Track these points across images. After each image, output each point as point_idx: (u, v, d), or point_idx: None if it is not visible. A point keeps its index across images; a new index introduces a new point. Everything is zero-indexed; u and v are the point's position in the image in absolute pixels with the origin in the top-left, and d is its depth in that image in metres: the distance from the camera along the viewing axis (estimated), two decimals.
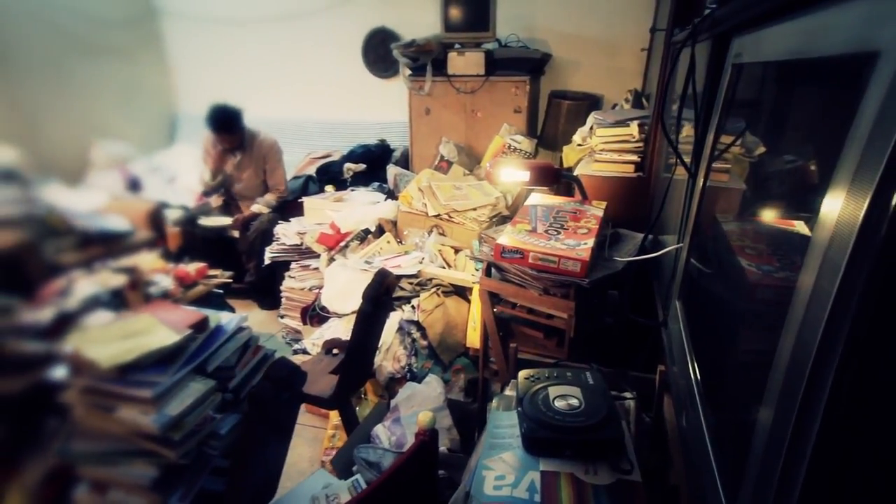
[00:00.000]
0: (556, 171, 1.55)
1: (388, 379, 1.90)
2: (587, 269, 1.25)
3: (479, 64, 3.01)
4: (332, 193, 2.96)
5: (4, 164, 2.28)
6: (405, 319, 1.96)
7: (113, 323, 1.04)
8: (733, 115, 0.73)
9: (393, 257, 2.23)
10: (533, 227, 1.44)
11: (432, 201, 2.40)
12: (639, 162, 1.73)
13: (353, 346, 1.51)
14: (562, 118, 3.12)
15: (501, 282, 1.47)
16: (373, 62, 3.66)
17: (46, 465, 1.39)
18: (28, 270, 1.80)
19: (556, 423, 0.74)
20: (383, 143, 3.57)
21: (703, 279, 0.75)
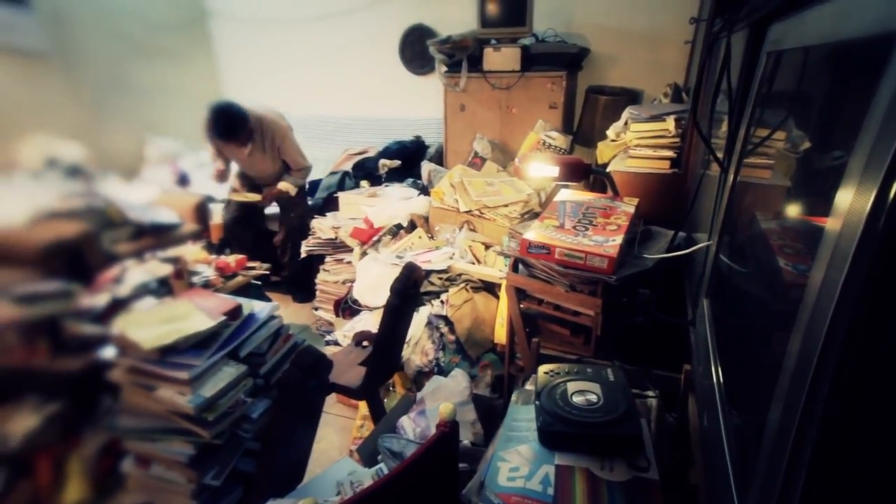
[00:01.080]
0: (587, 166, 1.53)
1: (417, 372, 1.93)
2: (615, 266, 1.23)
3: (514, 59, 2.98)
4: (366, 189, 3.02)
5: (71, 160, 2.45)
6: (434, 314, 1.98)
7: (154, 307, 1.11)
8: (768, 107, 0.70)
9: (424, 252, 2.26)
10: (561, 222, 1.43)
11: (464, 197, 2.40)
12: (675, 158, 1.68)
13: (381, 339, 1.54)
14: (599, 114, 3.05)
15: (528, 278, 1.46)
16: (409, 59, 3.70)
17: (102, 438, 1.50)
18: (88, 259, 1.93)
19: (573, 417, 0.73)
20: (418, 139, 3.60)
21: (729, 277, 0.72)
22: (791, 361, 0.37)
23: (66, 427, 1.52)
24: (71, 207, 2.41)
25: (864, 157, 0.30)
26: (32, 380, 1.50)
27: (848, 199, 0.31)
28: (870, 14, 0.34)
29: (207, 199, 3.27)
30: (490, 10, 2.94)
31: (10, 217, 2.02)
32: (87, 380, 1.53)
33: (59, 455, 1.48)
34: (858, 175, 0.30)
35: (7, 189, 2.14)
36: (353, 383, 1.58)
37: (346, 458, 1.28)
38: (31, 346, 1.46)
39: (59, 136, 2.63)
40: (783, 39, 0.60)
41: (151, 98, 3.57)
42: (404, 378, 1.97)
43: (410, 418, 1.42)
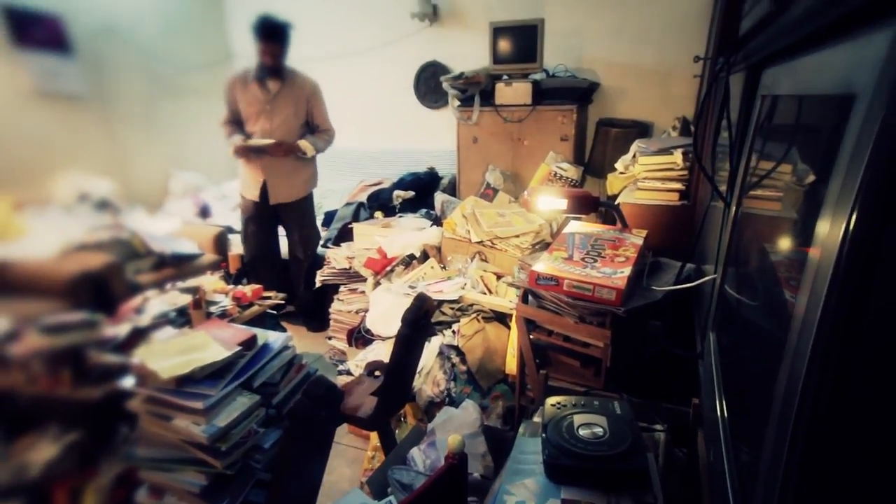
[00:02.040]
0: (595, 199, 1.55)
1: (428, 403, 1.93)
2: (623, 298, 1.24)
3: (526, 94, 3.06)
4: (380, 220, 3.08)
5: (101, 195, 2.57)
6: (446, 344, 1.99)
7: (172, 338, 1.15)
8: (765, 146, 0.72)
9: (436, 282, 2.28)
10: (569, 254, 1.44)
11: (475, 228, 2.44)
12: (683, 190, 1.69)
13: (392, 369, 1.55)
14: (609, 145, 3.10)
15: (538, 308, 1.47)
16: (423, 94, 3.82)
17: (117, 468, 1.52)
18: (112, 289, 2.01)
19: (579, 451, 0.73)
20: (432, 170, 3.68)
21: (733, 310, 0.73)
22: (779, 395, 0.38)
23: (83, 457, 1.55)
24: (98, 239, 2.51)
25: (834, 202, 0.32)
26: (55, 409, 1.55)
27: (822, 233, 0.33)
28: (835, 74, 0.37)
29: (227, 230, 3.37)
30: (502, 47, 3.04)
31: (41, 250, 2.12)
32: (105, 409, 1.57)
33: (76, 485, 1.51)
34: (830, 217, 0.32)
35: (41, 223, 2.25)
36: (365, 413, 1.58)
37: (357, 490, 1.27)
38: (55, 375, 1.51)
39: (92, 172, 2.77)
40: (775, 85, 0.63)
41: (177, 134, 3.75)
42: (415, 409, 1.97)
43: (420, 450, 1.42)
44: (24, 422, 1.56)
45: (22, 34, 2.28)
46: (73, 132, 2.66)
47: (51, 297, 1.97)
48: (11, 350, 1.44)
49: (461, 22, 3.56)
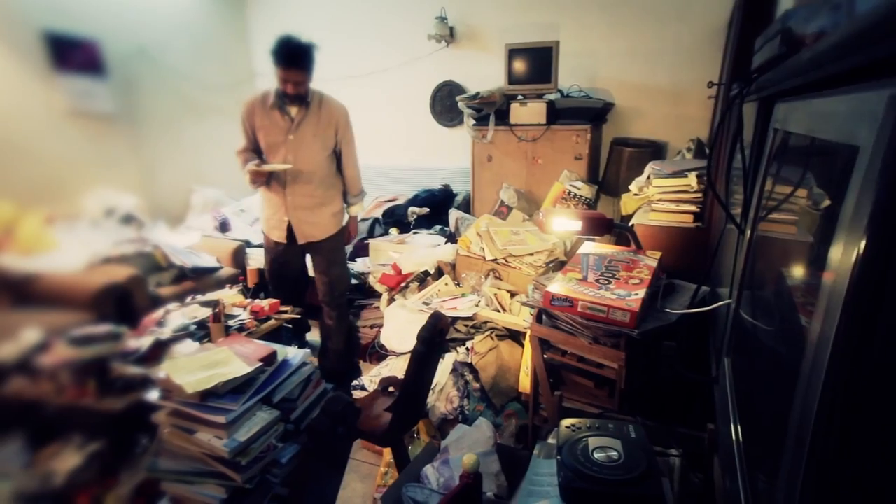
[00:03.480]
0: (608, 221, 1.57)
1: (441, 420, 1.93)
2: (637, 320, 1.24)
3: (540, 114, 3.10)
4: (395, 236, 3.12)
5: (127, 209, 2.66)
6: (459, 361, 2.00)
7: (196, 353, 1.18)
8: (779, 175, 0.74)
9: (450, 299, 2.30)
10: (584, 275, 1.46)
11: (490, 246, 2.46)
12: (697, 212, 1.70)
13: (407, 386, 1.57)
14: (623, 165, 3.12)
15: (552, 328, 1.48)
16: (439, 112, 3.89)
17: (137, 478, 1.55)
18: (135, 302, 2.07)
19: (594, 474, 0.74)
20: (446, 188, 3.73)
21: (747, 335, 0.74)
22: (794, 423, 0.39)
23: (104, 466, 1.59)
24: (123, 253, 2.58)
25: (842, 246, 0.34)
26: (79, 419, 1.59)
27: (834, 260, 0.35)
28: (840, 121, 0.39)
29: (245, 244, 3.44)
30: (517, 68, 3.10)
31: (70, 263, 2.19)
32: (127, 420, 1.60)
33: (97, 494, 1.54)
34: (842, 244, 0.34)
35: (69, 236, 2.33)
36: (379, 429, 1.60)
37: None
38: (81, 385, 1.56)
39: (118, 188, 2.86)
40: (786, 120, 0.65)
41: (199, 151, 3.86)
42: (428, 425, 1.98)
43: (434, 467, 1.42)
44: (50, 431, 1.61)
45: (62, 58, 2.41)
46: (103, 149, 2.77)
47: (77, 308, 2.04)
48: (41, 361, 1.49)
49: (477, 43, 3.63)
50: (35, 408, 1.53)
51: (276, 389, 1.18)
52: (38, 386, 1.48)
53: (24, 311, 1.62)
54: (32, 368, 1.48)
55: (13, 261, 1.68)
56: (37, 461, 1.52)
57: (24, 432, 1.52)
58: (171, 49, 3.53)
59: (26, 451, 1.53)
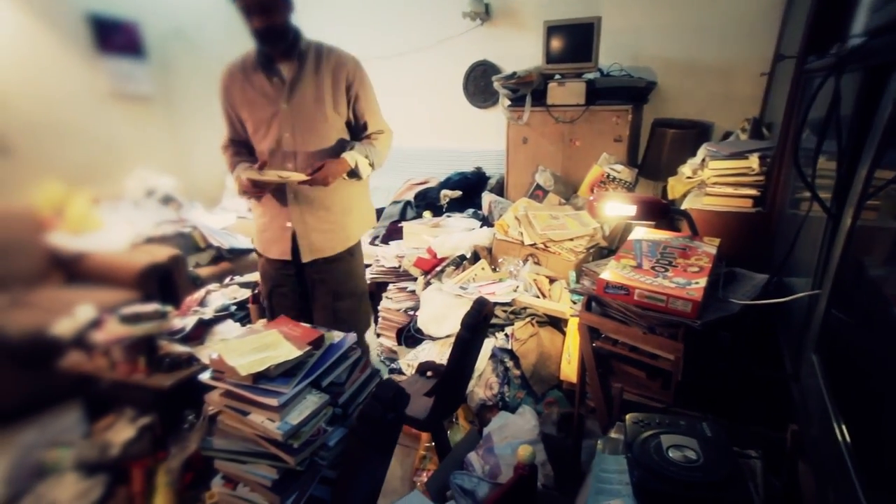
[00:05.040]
0: (664, 206, 1.49)
1: (480, 406, 1.91)
2: (699, 310, 1.18)
3: (579, 94, 2.99)
4: (429, 219, 3.09)
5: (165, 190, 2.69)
6: (498, 347, 1.97)
7: (246, 336, 1.18)
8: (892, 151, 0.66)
9: (487, 284, 2.26)
10: (638, 262, 1.39)
11: (528, 230, 2.40)
12: (758, 196, 1.60)
13: (449, 371, 1.55)
14: (665, 147, 2.99)
15: (602, 317, 1.43)
16: (472, 93, 3.80)
17: (186, 452, 1.59)
18: (176, 281, 2.09)
19: (672, 475, 0.70)
20: (479, 170, 3.66)
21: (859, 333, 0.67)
22: None
23: (155, 440, 1.63)
24: (163, 233, 2.62)
25: None
26: (131, 394, 1.63)
27: None
28: None
29: None
30: (555, 46, 2.98)
31: (115, 242, 2.22)
32: (175, 397, 1.64)
33: (150, 466, 1.59)
34: None
35: (114, 217, 2.36)
36: (420, 414, 1.59)
37: (416, 493, 1.27)
38: (132, 362, 1.60)
39: (157, 169, 2.89)
40: None
41: None
42: (467, 411, 1.96)
43: (479, 455, 1.41)
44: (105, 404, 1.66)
45: (104, 40, 2.42)
46: (141, 131, 2.80)
47: (123, 287, 2.07)
48: (95, 337, 1.53)
49: (514, 21, 3.51)
50: (91, 381, 1.58)
51: (324, 373, 1.17)
52: (93, 361, 1.53)
53: (76, 289, 1.66)
54: (88, 344, 1.53)
55: (64, 239, 1.72)
56: (94, 432, 1.59)
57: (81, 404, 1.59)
58: (206, 30, 3.53)
59: (84, 421, 1.60)
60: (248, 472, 1.08)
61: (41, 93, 2.10)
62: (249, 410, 1.06)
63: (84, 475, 1.45)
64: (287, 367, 1.10)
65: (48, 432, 1.52)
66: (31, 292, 1.57)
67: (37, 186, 2.17)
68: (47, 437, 1.50)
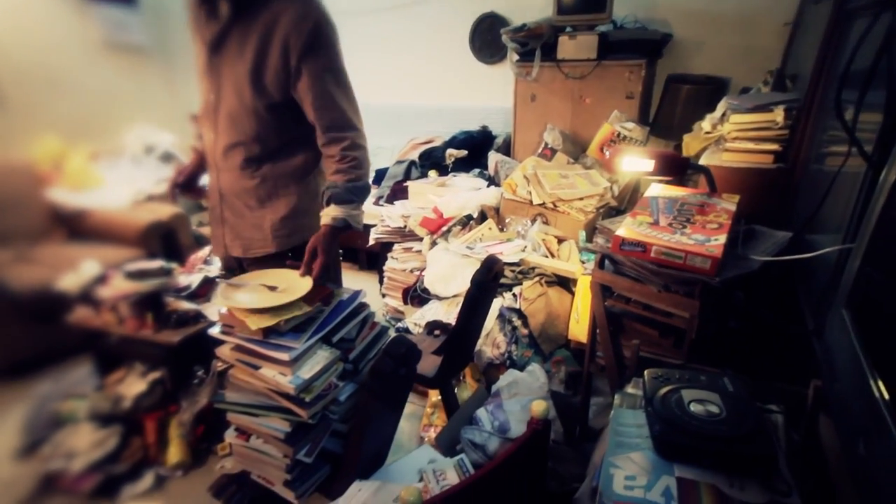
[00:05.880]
0: (684, 161, 1.44)
1: (487, 364, 1.92)
2: (718, 267, 1.15)
3: (591, 47, 2.86)
4: (435, 178, 3.03)
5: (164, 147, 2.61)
6: (506, 307, 1.96)
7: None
8: None
9: (495, 244, 2.24)
10: (655, 219, 1.36)
11: (537, 189, 2.35)
12: (780, 151, 1.54)
13: (458, 329, 1.54)
14: (679, 104, 2.89)
15: (615, 275, 1.41)
16: (479, 48, 3.65)
17: (197, 406, 1.60)
18: (180, 240, 2.05)
19: (694, 428, 0.69)
20: (485, 129, 3.56)
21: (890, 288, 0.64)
22: None
23: (166, 394, 1.65)
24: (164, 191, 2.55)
25: None
26: (140, 349, 1.63)
27: None
28: None
29: None
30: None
31: (116, 199, 2.18)
32: (184, 352, 1.65)
33: (162, 419, 1.61)
34: None
35: (113, 174, 2.31)
36: (428, 372, 1.59)
37: (427, 446, 1.29)
38: (140, 318, 1.59)
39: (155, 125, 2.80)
40: None
41: None
42: (474, 369, 1.97)
43: (488, 411, 1.41)
44: (116, 359, 1.66)
45: None
46: (138, 84, 2.69)
47: (126, 244, 2.04)
48: (101, 292, 1.51)
49: None
50: (100, 336, 1.59)
51: (334, 329, 1.16)
52: (101, 316, 1.52)
53: (80, 246, 1.64)
54: (94, 299, 1.52)
55: (64, 196, 1.68)
56: (106, 385, 1.61)
57: (92, 358, 1.60)
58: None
59: (96, 375, 1.62)
60: (261, 425, 1.08)
61: (30, 40, 2.00)
62: (260, 364, 1.05)
63: (99, 426, 1.47)
64: (297, 321, 1.08)
65: (62, 384, 1.54)
66: (35, 248, 1.54)
67: (33, 140, 2.11)
68: (61, 389, 1.52)
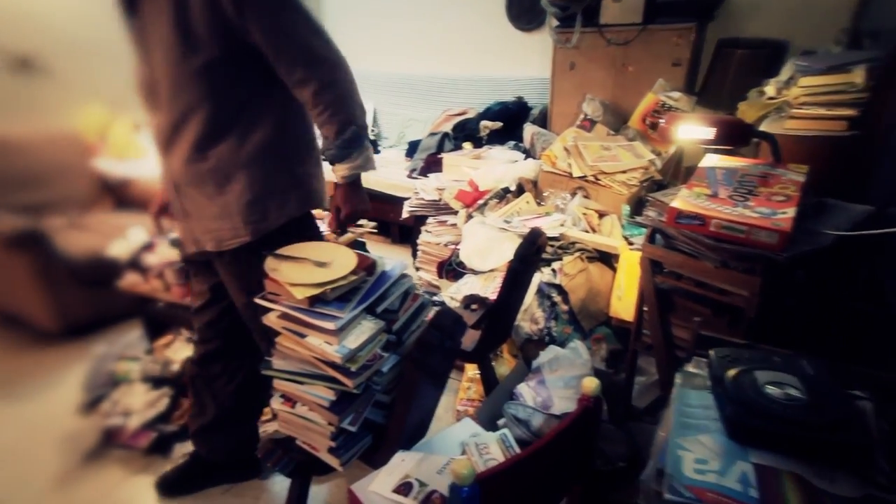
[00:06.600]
0: (748, 128, 1.34)
1: (525, 340, 1.89)
2: (786, 242, 1.07)
3: (636, 10, 2.70)
4: (470, 150, 2.96)
5: None
6: (545, 282, 1.91)
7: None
8: None
9: (533, 218, 2.17)
10: (713, 191, 1.27)
11: (578, 162, 2.26)
12: (856, 117, 1.41)
13: (500, 303, 1.51)
14: (731, 71, 2.71)
15: (667, 249, 1.34)
16: (516, 15, 3.50)
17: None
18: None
19: (772, 412, 0.64)
20: (521, 100, 3.45)
21: None
22: None
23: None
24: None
25: None
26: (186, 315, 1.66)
27: None
28: None
29: None
30: None
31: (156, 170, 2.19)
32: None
33: None
34: None
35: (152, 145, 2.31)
36: (468, 346, 1.57)
37: (468, 420, 1.28)
38: (185, 285, 1.61)
39: None
40: None
41: None
42: (510, 344, 1.95)
43: (530, 387, 1.39)
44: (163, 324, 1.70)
45: None
46: None
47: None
48: (149, 259, 1.53)
49: None
50: (148, 302, 1.63)
51: (378, 300, 1.14)
52: (148, 282, 1.56)
53: (126, 214, 1.67)
54: (142, 266, 1.55)
55: (110, 165, 1.70)
56: (155, 349, 1.66)
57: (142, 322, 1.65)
58: None
59: (146, 339, 1.68)
60: (307, 393, 1.08)
61: (74, 12, 2.00)
62: (307, 333, 1.05)
63: (151, 387, 1.52)
64: (343, 291, 1.07)
65: (115, 346, 1.59)
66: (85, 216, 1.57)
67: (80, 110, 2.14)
68: (115, 351, 1.58)
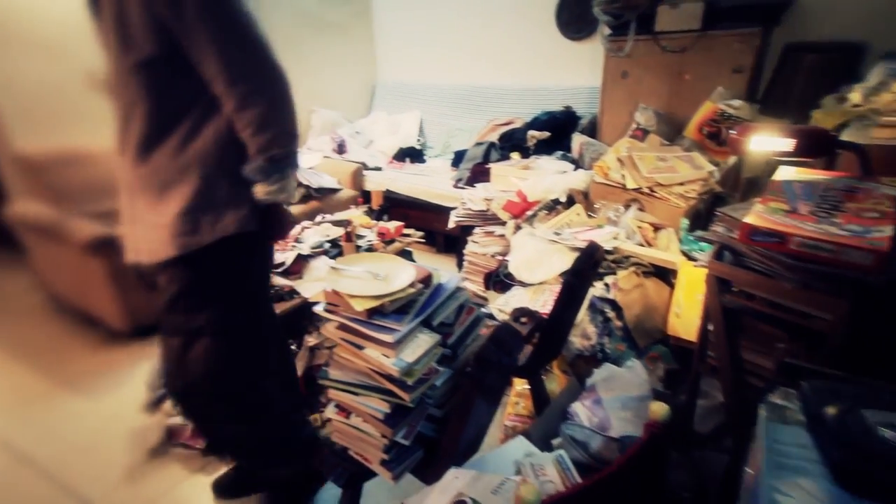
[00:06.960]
0: (831, 139, 1.24)
1: (575, 356, 1.83)
2: (883, 263, 0.98)
3: (694, 17, 2.60)
4: (518, 161, 2.92)
5: None
6: (597, 297, 1.85)
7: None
8: None
9: (584, 230, 2.11)
10: (792, 207, 1.19)
11: (632, 173, 2.19)
12: None
13: (554, 318, 1.46)
14: (800, 77, 2.56)
15: (736, 267, 1.26)
16: (566, 23, 3.46)
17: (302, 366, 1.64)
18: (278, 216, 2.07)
19: (893, 459, 0.57)
20: (569, 109, 3.39)
21: None
22: None
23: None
24: None
25: None
26: None
27: None
28: None
29: (363, 166, 3.45)
30: None
31: None
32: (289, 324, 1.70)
33: None
34: None
35: None
36: (519, 361, 1.53)
37: (521, 438, 1.23)
38: None
39: None
40: None
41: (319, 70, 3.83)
42: (560, 360, 1.89)
43: (585, 406, 1.33)
44: None
45: None
46: None
47: None
48: None
49: None
50: None
51: (434, 313, 1.12)
52: None
53: None
54: None
55: None
56: None
57: None
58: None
59: None
60: (362, 404, 1.07)
61: None
62: (364, 345, 1.04)
63: None
64: (401, 303, 1.06)
65: None
66: None
67: None
68: None
